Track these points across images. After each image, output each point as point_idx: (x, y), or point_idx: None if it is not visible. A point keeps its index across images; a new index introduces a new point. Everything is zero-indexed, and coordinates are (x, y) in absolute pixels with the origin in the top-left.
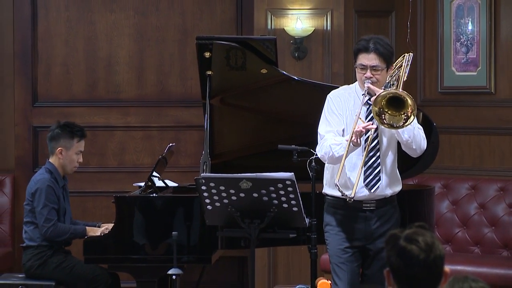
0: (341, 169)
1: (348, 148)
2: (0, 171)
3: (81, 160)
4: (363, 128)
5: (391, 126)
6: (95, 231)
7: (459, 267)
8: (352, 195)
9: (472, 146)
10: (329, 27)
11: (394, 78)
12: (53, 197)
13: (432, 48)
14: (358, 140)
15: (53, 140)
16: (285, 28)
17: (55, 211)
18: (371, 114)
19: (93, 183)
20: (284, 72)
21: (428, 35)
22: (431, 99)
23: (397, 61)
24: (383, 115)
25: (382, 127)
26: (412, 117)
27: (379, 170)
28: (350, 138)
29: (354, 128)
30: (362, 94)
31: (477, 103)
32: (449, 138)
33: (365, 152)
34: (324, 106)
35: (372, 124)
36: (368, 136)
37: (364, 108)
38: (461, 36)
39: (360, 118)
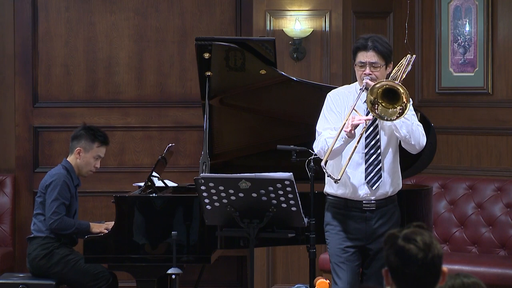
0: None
1: (338, 137)
2: (1, 171)
3: (98, 165)
4: (360, 120)
5: (381, 117)
6: (99, 227)
7: (456, 267)
8: (339, 177)
9: (469, 147)
10: (327, 28)
11: (395, 75)
12: (66, 193)
13: (430, 49)
14: (353, 131)
15: (75, 139)
16: (283, 29)
17: (64, 206)
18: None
19: (93, 183)
20: (283, 73)
21: (426, 36)
22: (429, 99)
23: (400, 62)
24: (376, 105)
25: (385, 122)
26: (407, 108)
27: (380, 167)
28: (341, 127)
29: (347, 118)
30: (360, 89)
31: (474, 103)
32: (446, 138)
33: (357, 141)
34: (324, 104)
35: (368, 115)
36: (363, 133)
37: (364, 106)
38: (459, 37)
39: (355, 110)
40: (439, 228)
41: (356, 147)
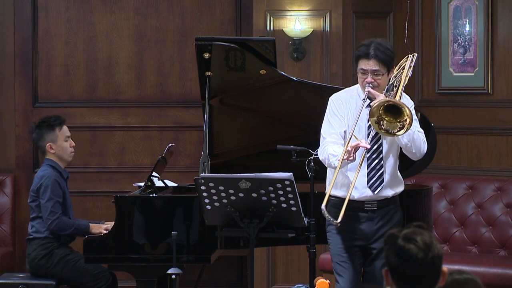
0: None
1: (341, 163)
2: (1, 171)
3: (73, 144)
4: (358, 146)
5: (387, 131)
6: (98, 228)
7: (456, 267)
8: (338, 221)
9: (469, 146)
10: (327, 28)
11: (398, 79)
12: (58, 191)
13: (430, 49)
14: (353, 155)
15: (39, 140)
16: (283, 29)
17: (59, 204)
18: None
19: (93, 183)
20: (283, 73)
21: (426, 36)
22: (429, 99)
23: (401, 61)
24: (381, 122)
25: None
26: (408, 126)
27: (382, 172)
28: (342, 155)
29: (347, 145)
30: (362, 99)
31: (474, 103)
32: (446, 138)
33: (361, 159)
34: (327, 108)
35: (366, 143)
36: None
37: (366, 111)
38: (459, 37)
39: (354, 136)
40: (439, 228)
41: (360, 166)
